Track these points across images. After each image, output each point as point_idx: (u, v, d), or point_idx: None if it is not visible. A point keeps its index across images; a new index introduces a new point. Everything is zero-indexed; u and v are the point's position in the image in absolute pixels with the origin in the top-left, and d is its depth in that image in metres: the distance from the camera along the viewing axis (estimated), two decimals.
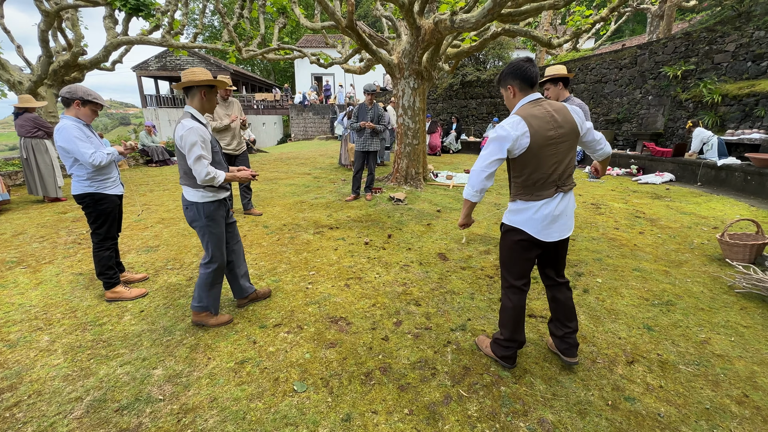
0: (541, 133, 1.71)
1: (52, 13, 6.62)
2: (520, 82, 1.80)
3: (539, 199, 1.80)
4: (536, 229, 1.82)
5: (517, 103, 1.83)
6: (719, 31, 7.79)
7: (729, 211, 5.00)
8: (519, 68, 1.78)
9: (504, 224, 1.96)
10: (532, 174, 1.78)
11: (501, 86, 1.89)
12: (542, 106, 1.76)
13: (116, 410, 1.75)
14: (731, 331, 2.39)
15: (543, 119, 1.72)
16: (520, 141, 1.70)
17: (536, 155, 1.74)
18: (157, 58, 21.72)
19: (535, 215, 1.81)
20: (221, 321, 2.46)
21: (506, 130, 1.71)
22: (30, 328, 2.41)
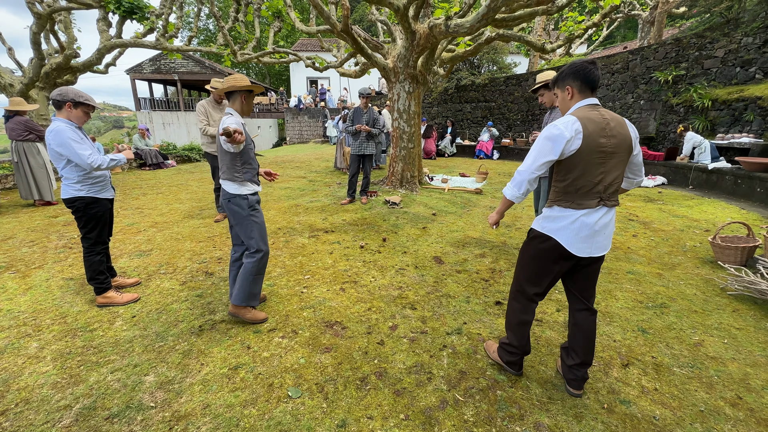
0: (594, 138, 1.61)
1: (44, 15, 6.57)
2: (581, 84, 1.70)
3: (579, 207, 1.68)
4: (570, 240, 1.69)
5: (572, 105, 1.73)
6: (708, 37, 7.94)
7: (720, 214, 5.07)
8: (583, 69, 1.67)
9: (534, 230, 1.83)
10: (577, 180, 1.66)
11: (558, 87, 1.79)
12: (599, 112, 1.66)
13: (106, 418, 1.72)
14: (724, 333, 2.41)
15: (599, 125, 1.62)
16: (573, 142, 1.60)
17: (584, 160, 1.63)
18: (151, 61, 21.60)
19: (572, 225, 1.69)
20: (258, 318, 2.51)
21: (559, 129, 1.61)
22: (18, 334, 2.37)
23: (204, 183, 7.44)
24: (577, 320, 1.86)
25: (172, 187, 7.04)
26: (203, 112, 4.43)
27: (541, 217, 1.82)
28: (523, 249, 1.90)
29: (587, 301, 1.85)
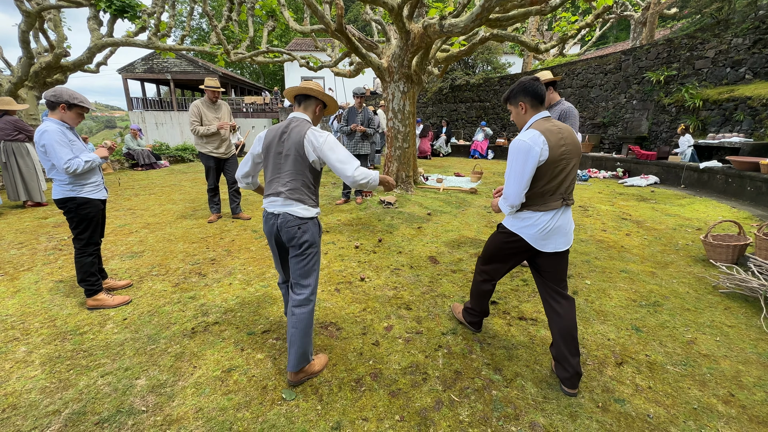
0: (556, 148, 1.78)
1: (33, 13, 6.47)
2: (531, 99, 1.86)
3: (548, 210, 1.86)
4: (534, 238, 1.89)
5: (528, 119, 1.89)
6: (699, 38, 8.03)
7: (712, 213, 5.12)
8: (531, 86, 1.84)
9: (503, 226, 2.02)
10: (545, 185, 1.83)
11: (511, 103, 1.95)
12: (552, 123, 1.84)
13: (96, 423, 1.68)
14: (716, 330, 2.43)
15: (556, 135, 1.79)
16: (542, 154, 1.76)
17: (551, 168, 1.79)
18: (143, 61, 21.38)
19: (536, 223, 1.87)
20: (322, 362, 2.07)
21: (528, 144, 1.76)
22: (5, 338, 2.32)
23: (197, 183, 7.37)
24: (554, 307, 1.95)
25: (165, 188, 6.97)
26: (196, 112, 4.39)
27: (513, 217, 1.97)
28: (491, 239, 2.13)
29: (561, 288, 1.97)
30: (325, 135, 1.89)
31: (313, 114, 2.02)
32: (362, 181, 1.89)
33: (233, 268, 3.36)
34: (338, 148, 1.88)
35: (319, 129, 1.91)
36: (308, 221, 1.90)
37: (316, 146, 1.85)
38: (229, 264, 3.46)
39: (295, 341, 1.89)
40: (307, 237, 1.89)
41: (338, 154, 1.87)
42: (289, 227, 1.88)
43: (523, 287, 3.05)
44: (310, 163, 1.90)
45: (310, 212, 1.92)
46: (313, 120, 2.03)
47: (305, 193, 1.91)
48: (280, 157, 1.91)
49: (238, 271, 3.30)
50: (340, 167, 1.86)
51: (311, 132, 1.88)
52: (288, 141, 1.88)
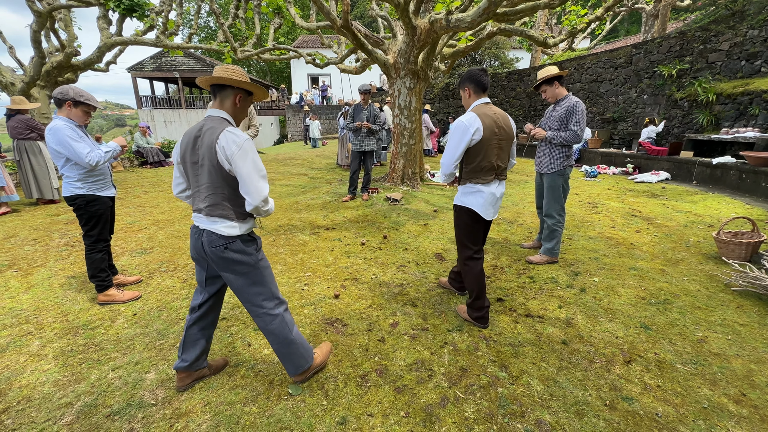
0: (490, 129, 2.14)
1: (44, 13, 6.56)
2: (474, 86, 2.24)
3: (485, 183, 2.24)
4: (482, 207, 2.27)
5: (472, 103, 2.27)
6: (713, 30, 7.84)
7: (724, 210, 5.02)
8: (475, 75, 2.23)
9: (458, 205, 2.37)
10: (481, 162, 2.21)
11: (460, 88, 2.33)
12: (491, 108, 2.21)
13: (107, 416, 1.72)
14: (728, 329, 2.39)
15: (491, 119, 2.16)
16: (476, 134, 2.12)
17: (484, 147, 2.17)
18: (152, 59, 21.59)
19: (480, 197, 2.25)
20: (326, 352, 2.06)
21: (465, 125, 2.13)
22: (20, 332, 2.38)
23: None
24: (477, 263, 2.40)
25: None
26: None
27: (461, 194, 2.34)
28: (456, 222, 2.42)
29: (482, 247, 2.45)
30: (241, 139, 1.55)
31: (233, 107, 1.69)
32: (263, 208, 1.61)
33: None
34: (250, 161, 1.55)
35: (237, 130, 1.59)
36: (236, 239, 1.65)
37: (228, 154, 1.53)
38: None
39: (282, 355, 1.83)
40: (236, 257, 1.65)
41: (249, 167, 1.54)
42: (214, 247, 1.63)
43: (530, 284, 3.02)
44: (227, 173, 1.58)
45: (235, 230, 1.64)
46: (235, 114, 1.71)
47: (228, 207, 1.62)
48: (196, 167, 1.62)
49: None
50: (247, 185, 1.55)
51: (224, 135, 1.54)
52: (201, 148, 1.58)
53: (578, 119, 3.05)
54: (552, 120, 3.23)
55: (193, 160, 1.63)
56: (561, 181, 3.25)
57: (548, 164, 3.27)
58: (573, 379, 1.96)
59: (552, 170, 3.25)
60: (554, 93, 3.19)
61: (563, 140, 3.12)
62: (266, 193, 1.59)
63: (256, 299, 1.74)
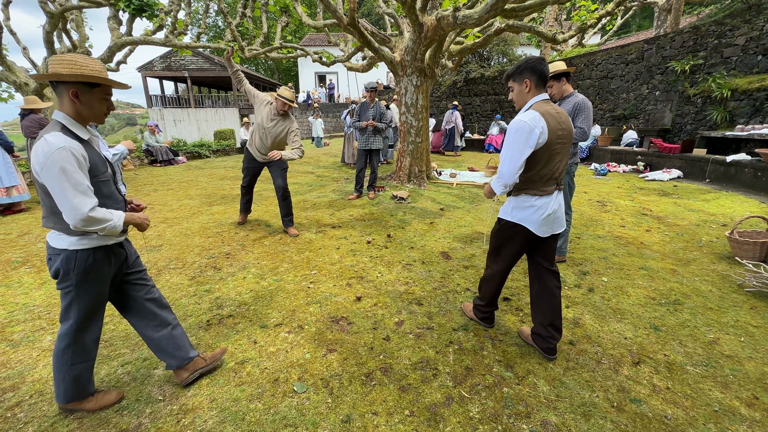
0: (554, 131, 1.79)
1: (56, 14, 6.67)
2: (537, 79, 1.85)
3: (543, 194, 1.90)
4: (536, 226, 1.93)
5: (529, 99, 1.88)
6: (729, 25, 7.65)
7: (738, 208, 4.91)
8: (537, 65, 1.83)
9: (504, 220, 2.04)
10: (542, 170, 1.85)
11: (515, 80, 1.92)
12: (552, 106, 1.85)
13: (116, 410, 1.75)
14: (741, 331, 2.33)
15: (555, 118, 1.81)
16: (541, 136, 1.76)
17: (549, 151, 1.82)
18: (161, 59, 21.83)
19: (538, 212, 1.91)
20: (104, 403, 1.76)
21: (529, 125, 1.75)
22: (33, 327, 2.43)
23: (213, 179, 7.51)
24: (543, 283, 2.05)
25: (182, 183, 7.13)
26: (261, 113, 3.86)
27: (512, 207, 1.99)
28: (497, 235, 2.11)
29: (551, 263, 2.07)
30: (50, 148, 1.34)
31: (70, 105, 1.45)
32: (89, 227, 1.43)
33: (247, 263, 3.42)
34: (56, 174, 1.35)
35: (54, 138, 1.36)
36: (61, 252, 1.51)
37: (35, 168, 1.37)
38: (243, 258, 3.52)
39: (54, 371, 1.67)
40: (57, 266, 1.52)
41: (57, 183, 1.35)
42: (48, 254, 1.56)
43: None
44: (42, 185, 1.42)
45: (61, 242, 1.50)
46: (74, 112, 1.47)
47: (54, 220, 1.48)
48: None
49: (252, 266, 3.35)
50: (59, 202, 1.39)
51: (36, 145, 1.37)
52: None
53: (585, 116, 3.01)
54: None
55: None
56: (567, 178, 3.21)
57: None
58: (580, 379, 1.94)
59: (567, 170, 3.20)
60: (560, 89, 3.15)
61: None
62: (85, 210, 1.38)
63: (63, 314, 1.62)
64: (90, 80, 1.44)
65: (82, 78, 1.42)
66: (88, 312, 1.62)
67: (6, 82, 7.56)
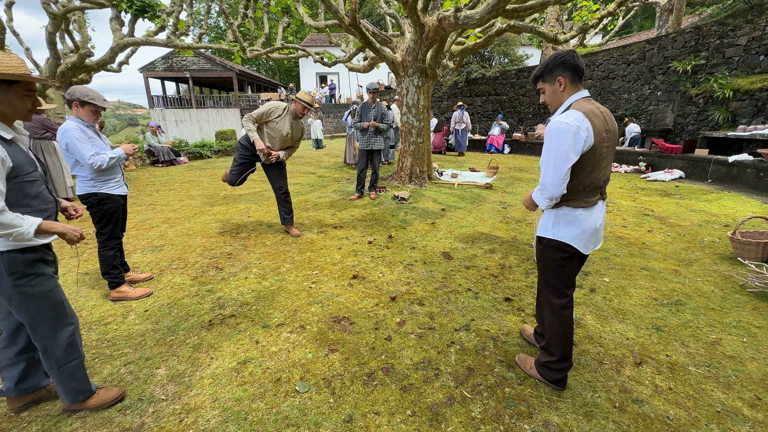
0: (599, 133, 1.55)
1: (59, 15, 6.69)
2: (572, 74, 1.61)
3: (587, 206, 1.66)
4: (583, 244, 1.70)
5: (567, 98, 1.64)
6: (731, 25, 7.63)
7: (741, 209, 4.89)
8: (569, 59, 1.59)
9: (547, 239, 1.76)
10: (586, 178, 1.61)
11: (546, 80, 1.68)
12: (594, 104, 1.61)
13: (119, 410, 1.76)
14: (743, 331, 2.33)
15: (600, 119, 1.57)
16: (587, 140, 1.53)
17: (595, 157, 1.58)
18: (163, 59, 21.89)
19: (584, 228, 1.68)
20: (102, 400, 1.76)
21: (573, 126, 1.51)
22: None
23: (215, 180, 7.52)
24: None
25: (184, 184, 7.15)
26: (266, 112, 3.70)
27: (553, 223, 1.73)
28: (545, 261, 1.81)
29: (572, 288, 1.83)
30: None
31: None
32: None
33: (249, 263, 3.42)
34: None
35: None
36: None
37: None
38: (245, 258, 3.53)
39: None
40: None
41: None
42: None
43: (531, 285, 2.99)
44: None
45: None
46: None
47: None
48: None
49: (254, 266, 3.36)
50: None
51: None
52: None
53: None
54: None
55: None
56: None
57: None
58: (582, 380, 1.93)
59: None
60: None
61: None
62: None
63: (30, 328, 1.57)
64: (3, 77, 1.38)
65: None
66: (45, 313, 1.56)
67: None
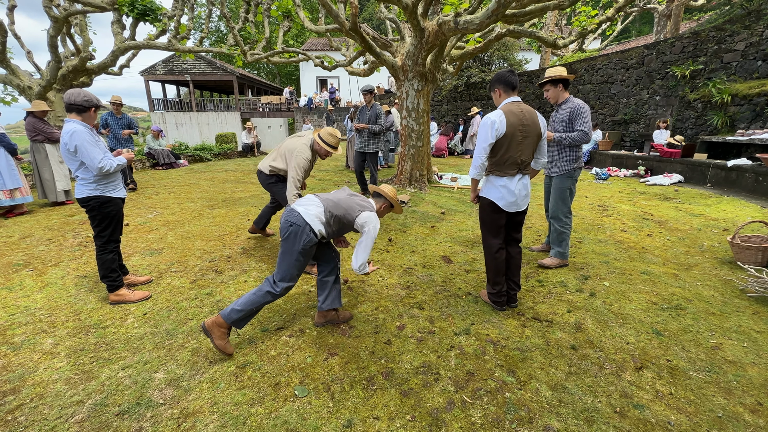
0: (515, 125, 2.33)
1: (61, 18, 6.73)
2: (503, 86, 2.43)
3: (505, 175, 2.42)
4: (504, 202, 2.45)
5: (501, 102, 2.46)
6: (728, 30, 7.68)
7: (740, 213, 4.90)
8: (503, 76, 2.43)
9: (481, 197, 2.57)
10: (504, 155, 2.39)
11: (490, 90, 2.53)
12: (518, 106, 2.38)
13: (117, 414, 1.74)
14: (744, 336, 2.32)
15: (517, 116, 2.34)
16: (500, 129, 2.31)
17: (508, 140, 2.34)
18: (164, 62, 21.95)
19: (501, 189, 2.44)
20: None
21: (492, 119, 2.33)
22: (34, 330, 2.42)
23: (215, 182, 7.53)
24: (510, 254, 2.61)
25: (184, 187, 7.15)
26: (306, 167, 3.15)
27: (484, 186, 2.55)
28: (480, 212, 2.62)
29: (517, 234, 2.64)
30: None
31: None
32: None
33: (248, 266, 3.42)
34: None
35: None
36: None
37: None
38: (244, 262, 3.52)
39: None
40: None
41: None
42: None
43: (539, 288, 2.99)
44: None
45: None
46: None
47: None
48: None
49: (253, 269, 3.35)
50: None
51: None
52: None
53: (583, 119, 3.05)
54: (557, 123, 3.23)
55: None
56: (569, 183, 3.23)
57: (558, 167, 3.25)
58: (582, 385, 1.93)
59: (562, 172, 3.22)
60: (557, 94, 3.20)
61: (572, 141, 3.10)
62: None
63: None
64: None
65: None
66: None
67: (10, 85, 7.62)
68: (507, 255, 2.62)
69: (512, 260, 2.62)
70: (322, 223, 2.15)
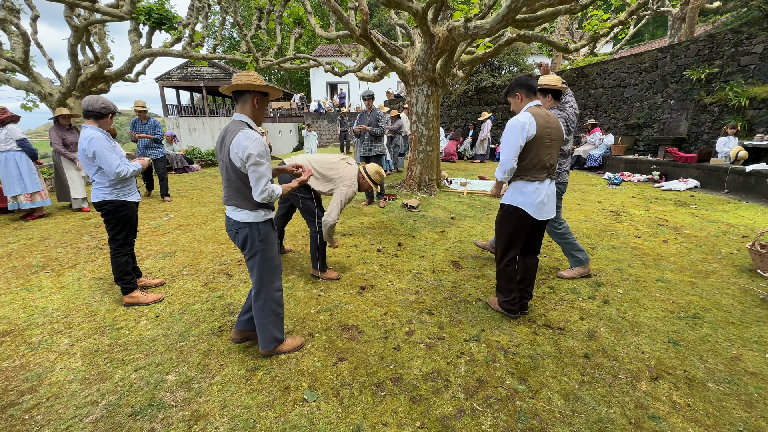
0: (542, 127, 2.28)
1: (81, 28, 6.94)
2: (526, 90, 2.39)
3: (536, 180, 2.34)
4: (533, 209, 2.35)
5: (524, 106, 2.40)
6: (745, 33, 7.52)
7: (760, 220, 4.76)
8: (525, 81, 2.39)
9: (507, 205, 2.43)
10: (533, 159, 2.31)
11: (510, 95, 2.46)
12: (542, 109, 2.36)
13: (130, 415, 1.77)
14: (765, 347, 2.25)
15: (543, 118, 2.31)
16: (530, 131, 2.24)
17: (537, 144, 2.29)
18: (178, 69, 22.45)
19: (533, 192, 2.33)
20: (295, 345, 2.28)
21: (521, 121, 2.24)
22: (51, 331, 2.48)
23: None
24: (527, 265, 2.56)
25: (196, 191, 7.27)
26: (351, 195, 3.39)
27: (512, 192, 2.42)
28: (503, 222, 2.48)
29: (536, 247, 2.57)
30: (249, 142, 1.80)
31: (252, 109, 1.94)
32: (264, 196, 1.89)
33: None
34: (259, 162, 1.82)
35: (249, 133, 1.83)
36: (246, 225, 1.98)
37: (240, 155, 1.82)
38: None
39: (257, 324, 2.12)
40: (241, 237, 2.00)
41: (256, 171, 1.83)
42: (229, 230, 2.05)
43: (550, 294, 2.94)
44: (238, 170, 1.88)
45: (248, 216, 1.97)
46: (254, 115, 1.95)
47: (240, 198, 1.95)
48: (222, 164, 1.96)
49: None
50: (253, 184, 1.87)
51: (238, 138, 1.82)
52: (223, 148, 1.90)
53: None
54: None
55: (220, 158, 1.96)
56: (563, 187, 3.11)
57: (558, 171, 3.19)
58: (596, 394, 1.89)
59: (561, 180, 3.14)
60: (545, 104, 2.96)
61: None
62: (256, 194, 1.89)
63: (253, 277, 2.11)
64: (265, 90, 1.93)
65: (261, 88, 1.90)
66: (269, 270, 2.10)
67: (32, 92, 7.87)
68: (523, 265, 2.54)
69: (528, 272, 2.55)
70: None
